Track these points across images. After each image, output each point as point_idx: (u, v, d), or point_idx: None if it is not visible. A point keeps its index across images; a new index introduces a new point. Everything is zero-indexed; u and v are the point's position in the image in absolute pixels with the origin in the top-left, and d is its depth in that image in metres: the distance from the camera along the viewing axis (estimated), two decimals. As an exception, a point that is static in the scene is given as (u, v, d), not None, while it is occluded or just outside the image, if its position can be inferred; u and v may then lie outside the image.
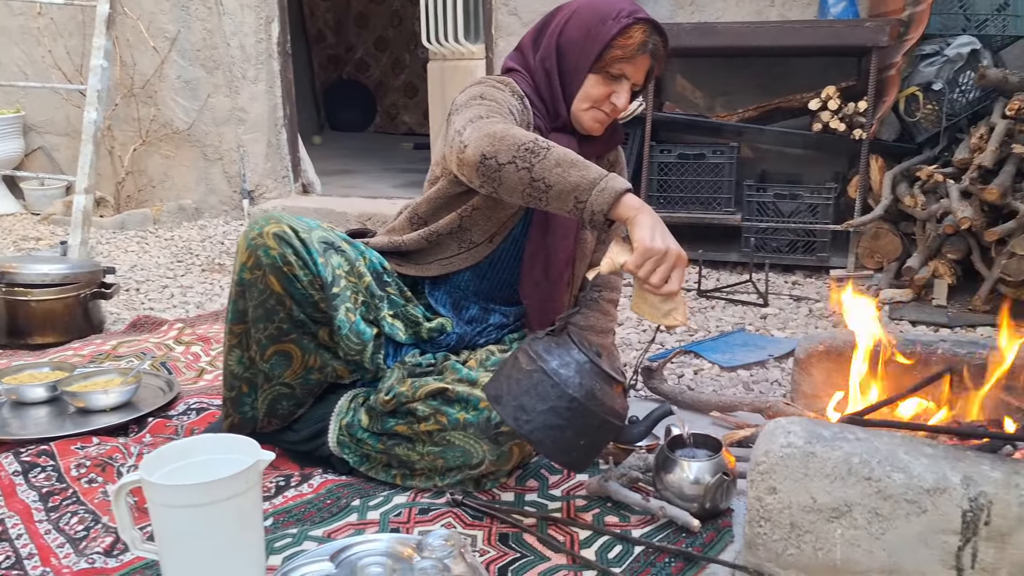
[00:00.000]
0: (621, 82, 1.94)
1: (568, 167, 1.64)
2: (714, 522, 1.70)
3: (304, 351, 1.90)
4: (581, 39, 1.92)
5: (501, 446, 1.80)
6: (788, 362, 2.76)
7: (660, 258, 1.61)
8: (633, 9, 1.91)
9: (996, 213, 3.24)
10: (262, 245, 1.82)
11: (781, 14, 4.38)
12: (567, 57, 1.95)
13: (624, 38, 1.89)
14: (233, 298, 1.89)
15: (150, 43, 5.32)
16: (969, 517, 1.34)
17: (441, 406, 1.83)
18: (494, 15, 4.88)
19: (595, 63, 1.91)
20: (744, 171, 4.28)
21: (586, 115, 1.98)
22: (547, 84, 1.98)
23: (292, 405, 1.95)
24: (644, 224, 1.61)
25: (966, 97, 3.60)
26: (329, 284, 1.85)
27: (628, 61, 1.91)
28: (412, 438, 1.86)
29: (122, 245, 4.70)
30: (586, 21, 1.92)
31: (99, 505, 1.80)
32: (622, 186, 1.62)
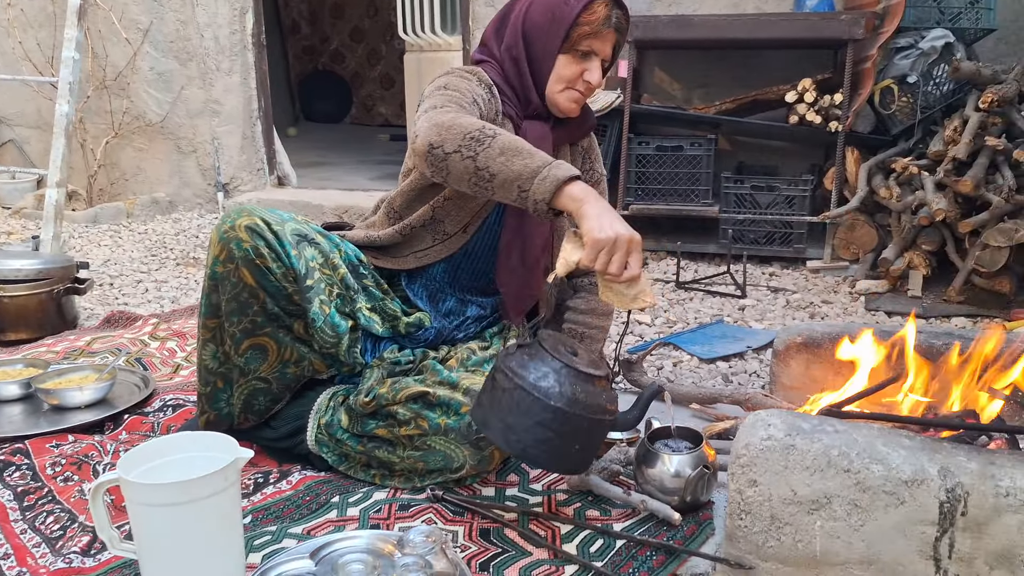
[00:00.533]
0: (591, 59, 1.96)
1: (512, 155, 1.63)
2: (695, 515, 1.71)
3: (280, 344, 1.89)
4: (547, 22, 1.94)
5: (482, 451, 1.80)
6: (766, 353, 2.78)
7: (612, 246, 1.58)
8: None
9: (970, 205, 3.27)
10: (234, 238, 1.80)
11: (757, 7, 4.39)
12: (535, 42, 1.97)
13: (588, 14, 1.91)
14: (206, 292, 1.88)
15: (122, 34, 5.26)
16: (946, 508, 1.35)
17: (422, 410, 1.82)
18: (471, 6, 4.87)
19: (564, 43, 1.93)
20: (721, 163, 4.30)
21: (561, 96, 1.99)
22: (516, 72, 1.99)
23: (269, 401, 1.93)
24: (589, 215, 1.59)
25: (940, 90, 3.63)
26: (303, 276, 1.83)
27: (595, 36, 1.93)
28: (392, 441, 1.85)
29: (95, 239, 4.65)
30: (548, 4, 1.95)
31: (75, 504, 1.78)
32: (565, 174, 1.60)
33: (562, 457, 1.61)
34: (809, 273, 3.83)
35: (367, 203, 4.94)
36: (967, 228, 3.17)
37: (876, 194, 3.59)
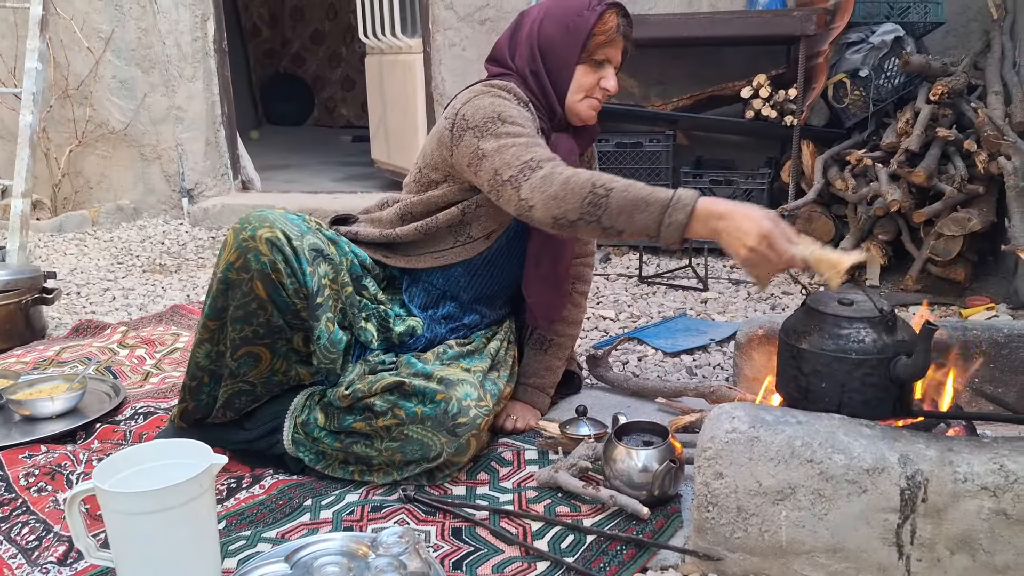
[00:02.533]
0: (606, 67, 2.04)
1: (632, 212, 1.65)
2: (663, 508, 1.74)
3: (274, 355, 1.91)
4: (562, 35, 2.00)
5: (459, 438, 1.83)
6: (729, 346, 2.83)
7: (769, 239, 1.56)
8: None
9: (923, 195, 3.34)
10: (253, 249, 1.80)
11: (712, 4, 4.44)
12: (551, 56, 2.02)
13: (602, 24, 1.99)
14: (213, 294, 1.86)
15: (84, 43, 5.21)
16: (907, 495, 1.40)
17: (398, 400, 1.85)
18: (431, 9, 4.87)
19: (581, 53, 1.99)
20: (680, 158, 4.34)
21: (582, 105, 2.05)
22: (538, 85, 2.04)
23: (249, 401, 1.95)
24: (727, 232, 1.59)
25: (891, 83, 3.70)
26: (314, 294, 1.84)
27: (609, 45, 2.01)
28: (370, 435, 1.87)
29: (60, 248, 4.61)
30: (561, 17, 2.01)
31: (50, 514, 1.78)
32: (683, 218, 1.61)
33: None
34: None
35: (331, 205, 4.94)
36: (921, 218, 3.24)
37: (832, 186, 3.65)
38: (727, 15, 4.06)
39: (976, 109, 3.25)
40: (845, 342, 1.62)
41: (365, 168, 6.10)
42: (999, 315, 3.03)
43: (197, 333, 1.92)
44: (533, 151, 1.81)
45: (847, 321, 1.64)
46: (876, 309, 1.64)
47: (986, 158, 3.14)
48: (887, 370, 1.60)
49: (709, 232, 1.61)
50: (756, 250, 1.56)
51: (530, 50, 2.03)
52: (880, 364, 1.60)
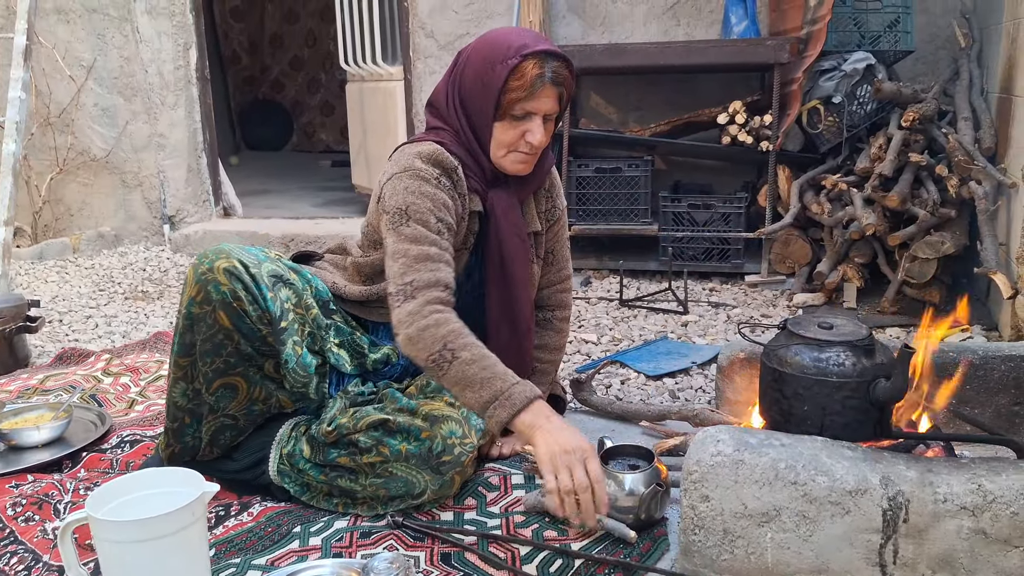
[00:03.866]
0: (530, 119, 1.88)
1: (464, 387, 1.71)
2: (650, 532, 1.76)
3: (250, 383, 1.91)
4: (477, 90, 1.88)
5: (443, 475, 1.84)
6: (711, 368, 2.86)
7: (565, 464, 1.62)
8: (520, 45, 1.84)
9: (898, 218, 3.40)
10: (212, 280, 1.81)
11: (687, 33, 4.52)
12: (471, 110, 1.92)
13: (516, 79, 1.83)
14: (180, 331, 1.88)
15: (66, 72, 5.22)
16: (889, 515, 1.43)
17: (383, 437, 1.85)
18: (412, 38, 4.92)
19: (496, 111, 1.87)
20: (658, 183, 4.40)
21: (506, 160, 1.94)
22: (467, 139, 1.94)
23: (234, 435, 1.95)
24: (538, 444, 1.65)
25: (864, 109, 3.77)
26: (277, 319, 1.85)
27: (528, 98, 1.85)
28: (355, 470, 1.88)
29: (41, 276, 4.60)
30: (477, 70, 1.88)
31: (39, 544, 1.78)
32: (505, 417, 1.67)
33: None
34: (748, 288, 3.94)
35: (313, 231, 4.96)
36: (896, 241, 3.31)
37: (808, 210, 3.71)
38: (703, 44, 4.13)
39: (947, 135, 3.32)
40: (826, 365, 1.66)
41: (345, 193, 6.12)
42: (973, 337, 3.08)
43: (170, 373, 1.93)
44: (415, 272, 1.80)
45: (827, 344, 1.68)
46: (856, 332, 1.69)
47: (958, 182, 3.21)
48: (867, 392, 1.64)
49: (527, 434, 1.67)
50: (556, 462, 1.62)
51: (454, 101, 1.94)
52: (860, 387, 1.64)
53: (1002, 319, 3.07)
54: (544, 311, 2.28)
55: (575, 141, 4.28)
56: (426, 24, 4.88)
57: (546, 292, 2.26)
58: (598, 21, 4.63)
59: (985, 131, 3.30)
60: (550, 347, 2.28)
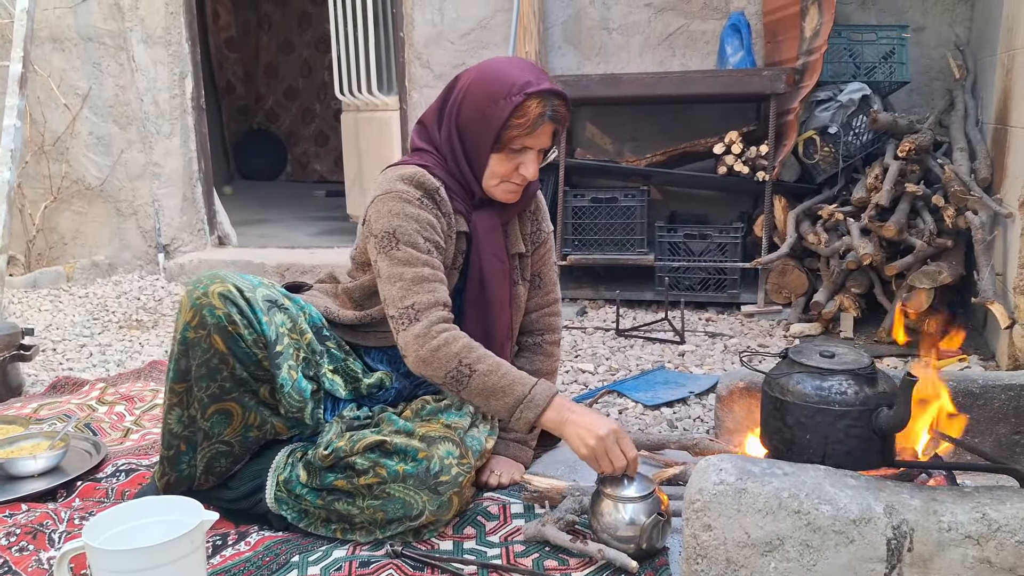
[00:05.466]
0: (526, 153, 1.94)
1: (488, 397, 1.83)
2: (651, 562, 1.74)
3: (245, 409, 1.90)
4: (477, 121, 1.91)
5: (441, 496, 1.83)
6: (708, 398, 2.85)
7: (603, 449, 1.77)
8: (524, 83, 1.87)
9: (894, 248, 3.41)
10: (207, 304, 1.82)
11: (682, 64, 4.56)
12: (467, 138, 1.95)
13: (518, 117, 1.87)
14: (175, 356, 1.88)
15: (61, 100, 5.24)
16: (893, 545, 1.42)
17: (380, 459, 1.84)
18: (407, 68, 4.95)
19: (495, 144, 1.91)
20: (654, 213, 4.41)
21: (498, 190, 2.00)
22: (456, 164, 1.98)
23: (230, 462, 1.93)
24: (569, 436, 1.80)
25: (860, 140, 3.79)
26: (273, 343, 1.86)
27: (528, 136, 1.90)
28: (352, 492, 1.86)
29: (35, 304, 4.58)
30: (479, 102, 1.90)
31: (33, 573, 1.75)
32: (532, 417, 1.81)
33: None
34: (744, 318, 3.94)
35: (309, 260, 4.95)
36: (893, 271, 3.31)
37: (804, 240, 3.72)
38: (699, 74, 4.16)
39: (943, 165, 3.34)
40: (828, 394, 1.65)
41: (340, 223, 6.12)
42: (970, 366, 3.08)
43: (165, 399, 1.92)
44: (415, 295, 1.87)
45: (829, 373, 1.68)
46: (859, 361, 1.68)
47: (954, 213, 3.22)
48: (869, 421, 1.64)
49: (556, 429, 1.82)
50: (604, 439, 1.77)
51: (450, 127, 1.97)
52: (862, 415, 1.64)
53: (999, 349, 3.07)
54: (533, 335, 2.28)
55: (571, 171, 4.30)
56: (422, 54, 4.91)
57: (535, 316, 2.27)
58: (594, 52, 4.67)
59: (981, 161, 3.32)
60: (542, 371, 2.26)
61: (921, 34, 4.22)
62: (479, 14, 4.79)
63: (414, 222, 1.91)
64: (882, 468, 1.69)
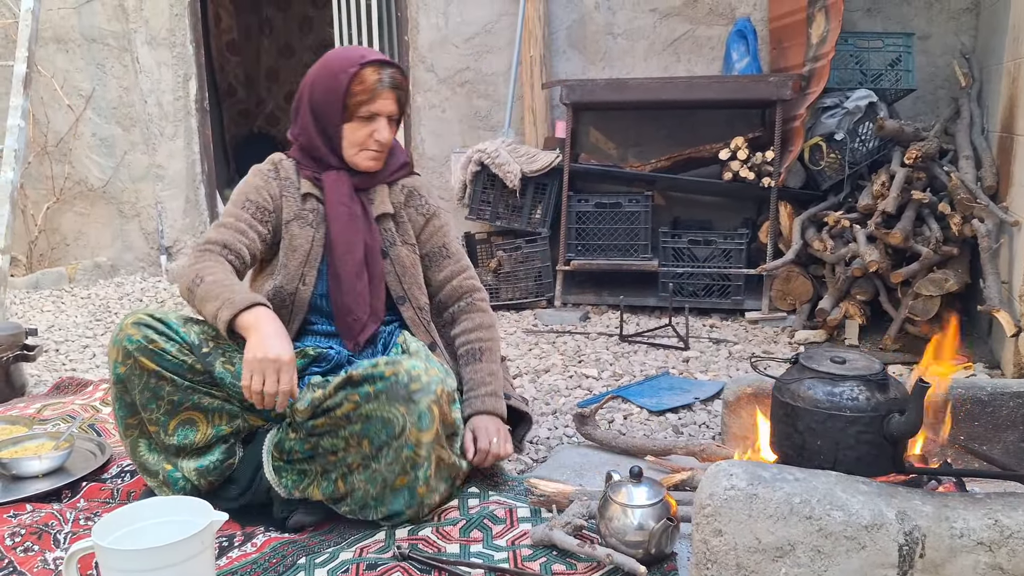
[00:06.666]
0: (376, 120, 2.14)
1: (205, 302, 1.95)
2: (660, 567, 1.74)
3: (207, 412, 2.01)
4: (325, 98, 2.14)
5: (418, 404, 1.86)
6: (713, 404, 2.85)
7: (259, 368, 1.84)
8: (359, 56, 2.13)
9: (900, 256, 3.40)
10: (125, 336, 1.95)
11: (688, 70, 4.56)
12: (320, 116, 2.17)
13: (357, 84, 2.10)
14: (117, 397, 1.98)
15: (65, 101, 5.24)
16: (905, 551, 1.41)
17: (350, 390, 1.91)
18: (411, 72, 4.95)
19: (344, 113, 2.13)
20: (658, 218, 4.41)
21: (359, 157, 2.19)
22: (311, 145, 2.20)
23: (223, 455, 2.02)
24: (248, 343, 1.87)
25: (866, 146, 3.79)
26: (197, 345, 2.00)
27: (372, 101, 2.11)
28: (333, 427, 1.93)
29: (37, 305, 4.57)
30: (324, 82, 2.15)
31: (38, 574, 1.74)
32: (228, 315, 1.88)
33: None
34: (748, 324, 3.93)
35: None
36: (899, 279, 3.30)
37: (810, 247, 3.72)
38: (705, 79, 4.16)
39: (949, 173, 3.34)
40: (839, 399, 1.65)
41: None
42: (976, 374, 3.07)
43: (126, 440, 2.02)
44: (213, 232, 2.13)
45: (841, 379, 1.67)
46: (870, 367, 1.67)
47: (960, 220, 3.22)
48: (881, 427, 1.63)
49: (245, 333, 1.89)
50: (260, 362, 1.84)
51: (306, 113, 2.19)
52: (874, 421, 1.63)
53: (1005, 357, 3.07)
54: (462, 300, 2.35)
55: (575, 176, 4.29)
56: (426, 58, 4.91)
57: (454, 283, 2.34)
58: (598, 57, 4.67)
59: (987, 169, 3.32)
60: (483, 326, 2.32)
61: (927, 42, 4.22)
62: (483, 18, 4.79)
63: (245, 185, 2.25)
64: (892, 474, 1.68)
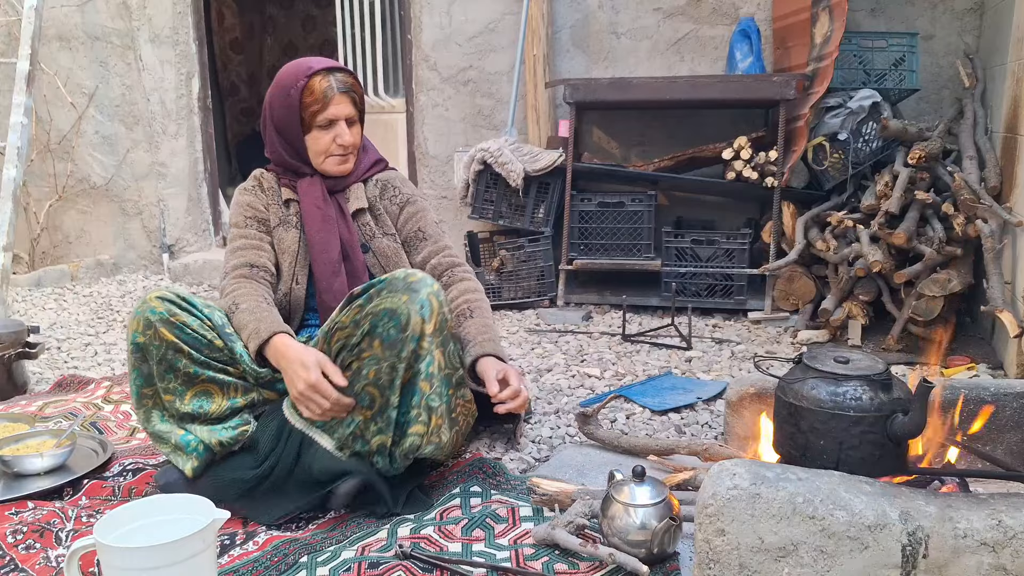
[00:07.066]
0: (334, 125, 2.24)
1: (240, 330, 2.07)
2: (662, 566, 1.74)
3: (222, 386, 2.05)
4: (282, 115, 2.25)
5: (419, 293, 1.96)
6: (716, 404, 2.84)
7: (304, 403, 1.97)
8: (307, 67, 2.22)
9: (903, 256, 3.40)
10: (148, 308, 2.00)
11: (691, 69, 4.55)
12: (284, 132, 2.28)
13: (308, 95, 2.21)
14: (134, 365, 2.01)
15: (67, 99, 5.24)
16: (908, 551, 1.41)
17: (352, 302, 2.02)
18: (415, 70, 4.95)
19: (302, 125, 2.24)
20: (661, 218, 4.40)
21: (327, 164, 2.30)
22: (282, 158, 2.32)
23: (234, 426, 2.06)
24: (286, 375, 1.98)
25: (869, 146, 3.78)
26: (220, 325, 2.07)
27: (324, 108, 2.21)
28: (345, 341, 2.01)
29: (39, 303, 4.58)
30: (279, 99, 2.25)
31: (40, 571, 1.75)
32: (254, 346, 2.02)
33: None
34: (751, 324, 3.93)
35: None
36: (902, 279, 3.30)
37: (813, 247, 3.71)
38: (709, 79, 4.16)
39: (952, 173, 3.33)
40: (843, 399, 1.65)
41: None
42: (979, 375, 3.07)
43: (140, 408, 2.04)
44: (229, 260, 2.25)
45: (844, 379, 1.67)
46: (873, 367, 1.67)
47: (963, 221, 3.22)
48: (884, 427, 1.63)
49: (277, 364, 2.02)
50: (304, 395, 1.94)
51: (271, 132, 2.30)
52: (877, 421, 1.63)
53: (1008, 358, 3.06)
54: (446, 274, 2.41)
55: (578, 175, 4.29)
56: (429, 57, 4.91)
57: (433, 262, 2.41)
58: (602, 56, 4.66)
59: (990, 170, 3.31)
60: (468, 290, 2.39)
61: (931, 42, 4.21)
62: (487, 17, 4.79)
63: (238, 207, 2.34)
64: (896, 475, 1.68)
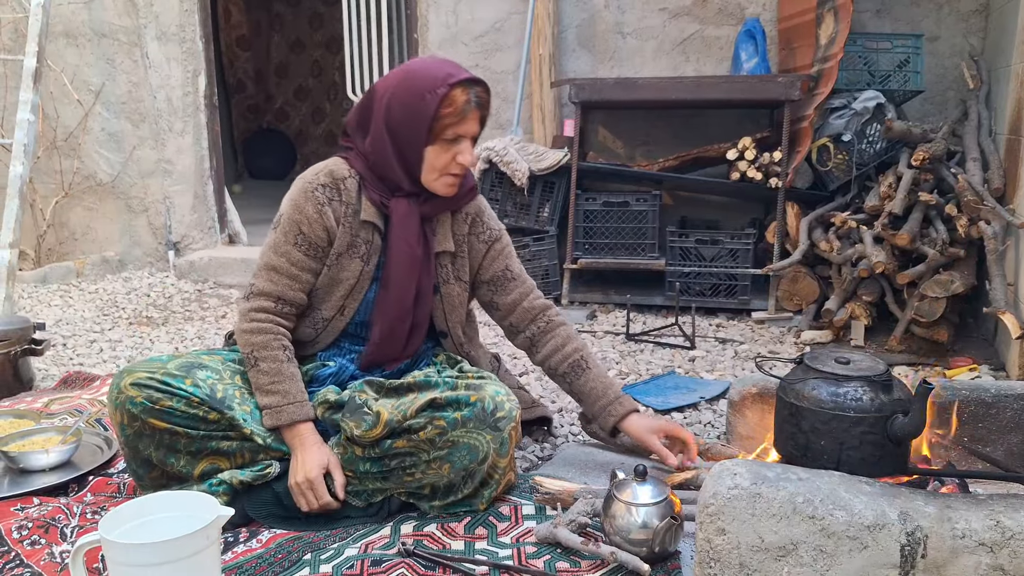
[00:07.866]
0: (460, 142, 2.00)
1: (256, 390, 2.00)
2: (663, 565, 1.75)
3: (230, 455, 1.99)
4: (408, 119, 1.98)
5: (502, 432, 1.93)
6: (719, 404, 2.85)
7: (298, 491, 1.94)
8: (447, 75, 1.96)
9: (906, 257, 3.41)
10: (126, 399, 1.91)
11: (696, 70, 4.56)
12: (399, 137, 2.00)
13: (447, 106, 1.95)
14: (132, 456, 1.97)
15: (74, 96, 5.26)
16: (907, 551, 1.42)
17: (433, 413, 1.91)
18: (419, 67, 4.94)
19: (428, 136, 1.97)
20: (666, 218, 4.41)
21: (438, 184, 2.05)
22: (384, 164, 2.04)
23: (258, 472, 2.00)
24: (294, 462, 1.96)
25: (873, 148, 3.79)
26: (208, 396, 1.95)
27: (459, 123, 1.98)
28: (414, 451, 1.93)
29: (44, 299, 4.59)
30: (407, 101, 1.97)
31: (45, 567, 1.76)
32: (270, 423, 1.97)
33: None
34: (755, 324, 3.94)
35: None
36: (905, 280, 3.31)
37: (816, 247, 3.72)
38: (714, 79, 4.16)
39: (956, 175, 3.34)
40: (843, 400, 1.66)
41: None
42: (981, 376, 3.07)
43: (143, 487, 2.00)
44: (260, 278, 2.05)
45: (845, 379, 1.68)
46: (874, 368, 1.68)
47: (967, 222, 3.22)
48: (884, 428, 1.64)
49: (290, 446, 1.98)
50: (299, 485, 1.92)
51: (379, 130, 2.02)
52: (878, 422, 1.64)
53: (1010, 359, 3.07)
54: (537, 321, 2.31)
55: (583, 174, 4.30)
56: (436, 54, 4.91)
57: (524, 305, 2.30)
58: (607, 56, 4.67)
59: (994, 172, 3.32)
60: (572, 338, 2.30)
61: (935, 43, 4.22)
62: (493, 16, 4.80)
63: (299, 214, 2.04)
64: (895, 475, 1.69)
